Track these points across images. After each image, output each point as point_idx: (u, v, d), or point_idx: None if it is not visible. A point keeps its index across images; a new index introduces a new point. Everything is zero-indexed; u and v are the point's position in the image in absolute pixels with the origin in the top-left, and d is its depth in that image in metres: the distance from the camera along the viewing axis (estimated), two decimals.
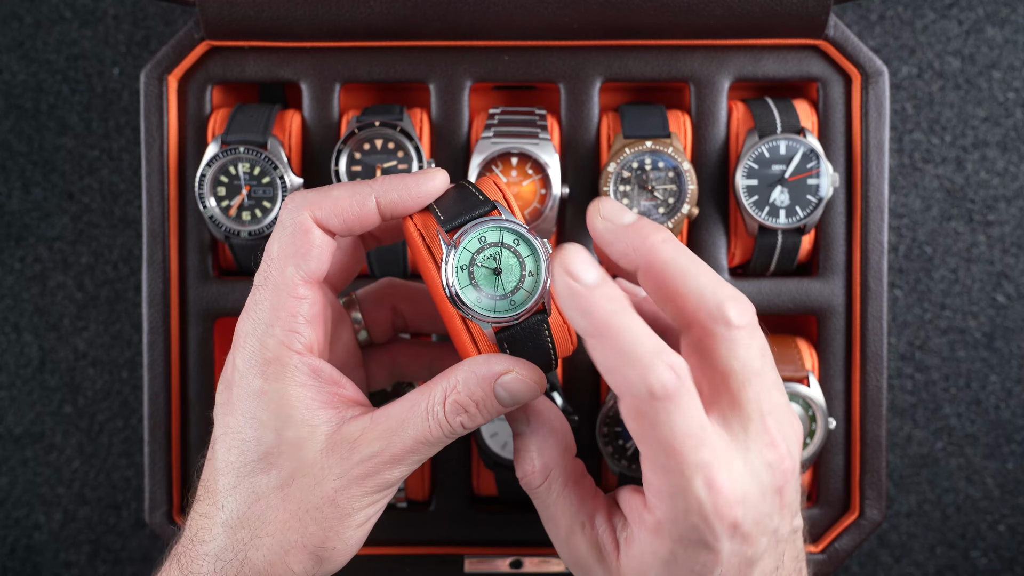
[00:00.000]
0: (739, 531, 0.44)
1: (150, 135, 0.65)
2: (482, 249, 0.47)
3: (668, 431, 0.43)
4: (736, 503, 0.43)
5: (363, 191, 0.48)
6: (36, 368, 0.84)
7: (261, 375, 0.46)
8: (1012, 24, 0.84)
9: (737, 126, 0.65)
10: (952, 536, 0.85)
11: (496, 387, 0.47)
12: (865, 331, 0.65)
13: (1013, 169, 0.84)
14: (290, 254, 0.47)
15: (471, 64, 0.65)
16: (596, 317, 0.43)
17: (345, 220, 0.48)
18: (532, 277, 0.47)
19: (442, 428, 0.47)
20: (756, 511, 0.44)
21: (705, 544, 0.44)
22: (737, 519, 0.43)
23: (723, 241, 0.66)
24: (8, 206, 0.84)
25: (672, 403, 0.43)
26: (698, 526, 0.43)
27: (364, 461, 0.46)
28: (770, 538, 0.45)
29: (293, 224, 0.47)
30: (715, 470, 0.43)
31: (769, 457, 0.45)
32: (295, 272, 0.47)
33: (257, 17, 0.63)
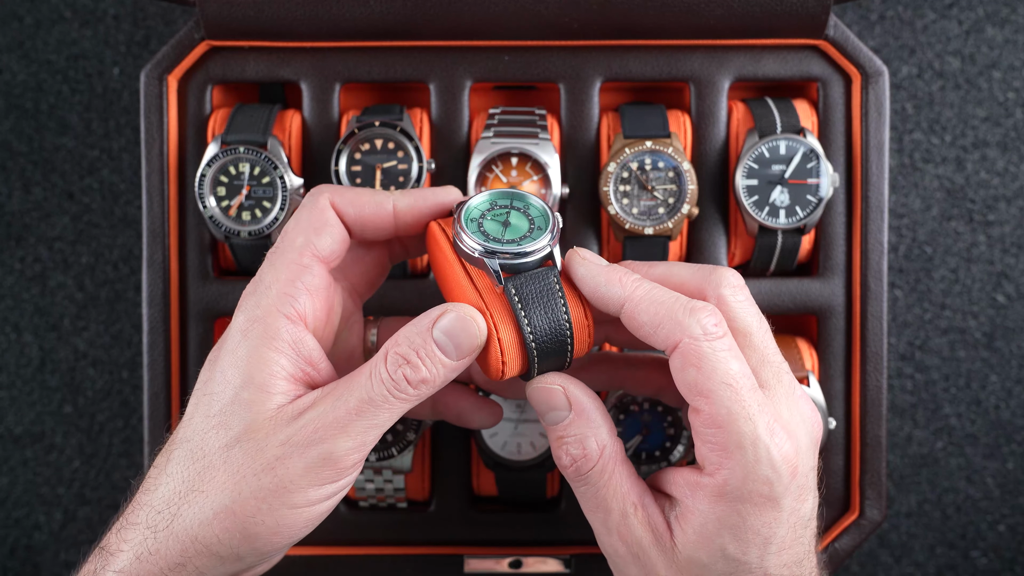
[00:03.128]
0: (797, 482, 0.44)
1: (150, 135, 0.65)
2: (493, 208, 0.49)
3: (726, 369, 0.44)
4: (795, 453, 0.44)
5: (383, 193, 0.51)
6: (36, 368, 0.84)
7: (243, 332, 0.47)
8: (1012, 24, 0.84)
9: (737, 126, 0.65)
10: (952, 536, 0.85)
11: (434, 332, 0.46)
12: (865, 331, 0.65)
13: (1013, 169, 0.84)
14: (303, 228, 0.49)
15: (471, 64, 0.65)
16: (628, 283, 0.47)
17: (360, 213, 0.50)
18: (540, 231, 0.48)
19: (384, 384, 0.45)
20: (807, 463, 0.45)
21: (773, 500, 0.44)
22: (797, 469, 0.44)
23: (723, 241, 0.66)
24: (8, 206, 0.84)
25: (724, 342, 0.45)
26: (768, 477, 0.44)
27: (306, 426, 0.45)
28: (814, 498, 0.46)
29: (311, 204, 0.50)
30: (772, 417, 0.44)
31: (805, 409, 0.46)
32: (304, 243, 0.48)
33: (257, 17, 0.63)
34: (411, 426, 0.60)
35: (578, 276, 0.48)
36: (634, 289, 0.46)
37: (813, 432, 0.46)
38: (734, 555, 0.45)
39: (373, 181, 0.62)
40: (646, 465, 0.61)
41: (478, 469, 0.66)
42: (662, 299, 0.46)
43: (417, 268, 0.66)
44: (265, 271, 0.48)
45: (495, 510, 0.66)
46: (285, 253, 0.48)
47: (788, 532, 0.45)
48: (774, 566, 0.45)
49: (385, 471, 0.62)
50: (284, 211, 0.62)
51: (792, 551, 0.45)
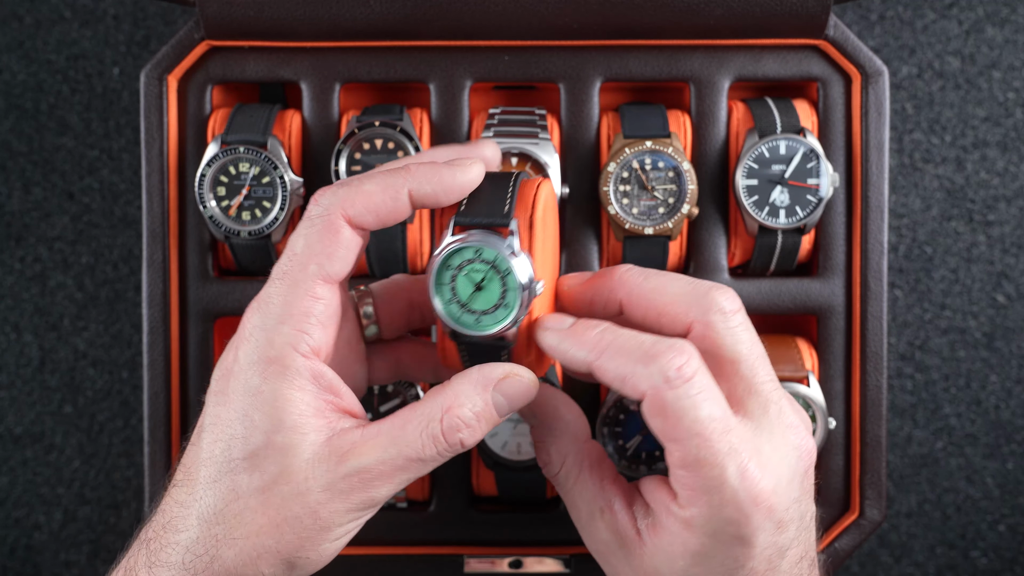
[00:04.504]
0: (773, 519, 0.44)
1: (150, 135, 0.65)
2: (473, 261, 0.47)
3: (693, 417, 0.43)
4: (770, 491, 0.43)
5: (396, 183, 0.47)
6: (36, 368, 0.84)
7: (261, 373, 0.45)
8: (1012, 24, 0.84)
9: (737, 126, 0.65)
10: (952, 536, 0.85)
11: (493, 395, 0.46)
12: (865, 331, 0.65)
13: (1013, 169, 0.84)
14: (315, 252, 0.46)
15: (471, 64, 0.65)
16: (588, 340, 0.46)
17: (379, 216, 0.47)
18: (506, 309, 0.47)
19: (437, 446, 0.45)
20: (787, 497, 0.44)
21: (741, 539, 0.44)
22: (772, 506, 0.43)
23: (723, 241, 0.66)
24: (8, 206, 0.84)
25: (691, 385, 0.43)
26: (735, 519, 0.43)
27: (351, 475, 0.45)
28: (799, 524, 0.45)
29: (323, 221, 0.46)
30: (745, 457, 0.43)
31: (792, 439, 0.45)
32: (317, 271, 0.46)
33: (257, 17, 0.63)
34: None
35: (544, 347, 0.48)
36: (596, 344, 0.46)
37: (800, 463, 0.45)
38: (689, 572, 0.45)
39: None
40: (646, 465, 0.61)
41: (478, 469, 0.66)
42: (626, 348, 0.45)
43: (417, 268, 0.66)
44: (273, 297, 0.46)
45: (495, 510, 0.66)
46: (296, 285, 0.46)
47: (760, 564, 0.45)
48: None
49: None
50: (284, 211, 0.62)
51: None
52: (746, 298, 0.65)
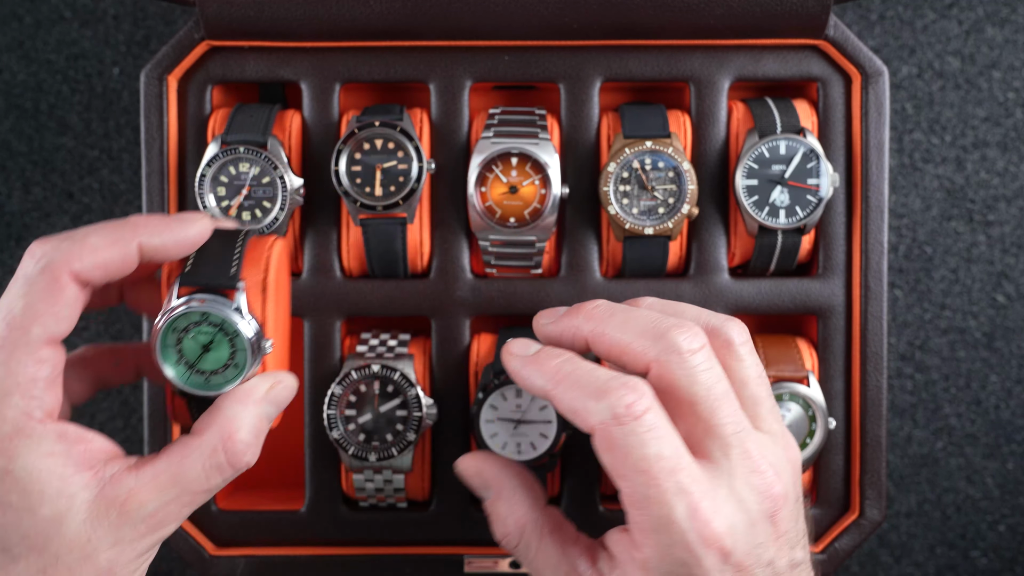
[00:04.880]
0: (730, 562, 0.43)
1: (150, 135, 0.65)
2: (200, 323, 0.48)
3: (640, 454, 0.43)
4: (724, 533, 0.43)
5: (125, 236, 0.45)
6: None
7: (2, 453, 0.42)
8: (1012, 24, 0.84)
9: (737, 126, 0.65)
10: (952, 536, 0.85)
11: (264, 407, 0.47)
12: (865, 331, 0.65)
13: (1013, 169, 0.84)
14: (39, 313, 0.43)
15: (471, 64, 0.65)
16: (547, 369, 0.47)
17: (107, 271, 0.45)
18: (235, 369, 0.48)
19: (223, 474, 0.45)
20: (747, 541, 0.43)
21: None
22: (726, 548, 0.43)
23: (723, 241, 0.66)
24: (8, 206, 0.84)
25: (639, 423, 0.43)
26: (685, 560, 0.43)
27: (138, 524, 0.43)
28: (764, 571, 0.44)
29: (46, 279, 0.43)
30: (697, 497, 0.43)
31: (755, 482, 0.44)
32: (42, 334, 0.43)
33: (257, 17, 0.63)
34: (411, 426, 0.60)
35: (508, 371, 0.49)
36: (555, 374, 0.46)
37: (763, 506, 0.44)
38: None
39: (373, 181, 0.62)
40: None
41: None
42: (581, 382, 0.45)
43: (417, 268, 0.66)
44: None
45: None
46: (17, 351, 0.42)
47: None
48: None
49: (385, 471, 0.62)
50: (284, 211, 0.62)
51: None
52: (746, 298, 0.65)
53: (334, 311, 0.65)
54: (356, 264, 0.65)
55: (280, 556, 0.65)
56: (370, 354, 0.62)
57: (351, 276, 0.66)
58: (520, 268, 0.64)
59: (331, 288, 0.65)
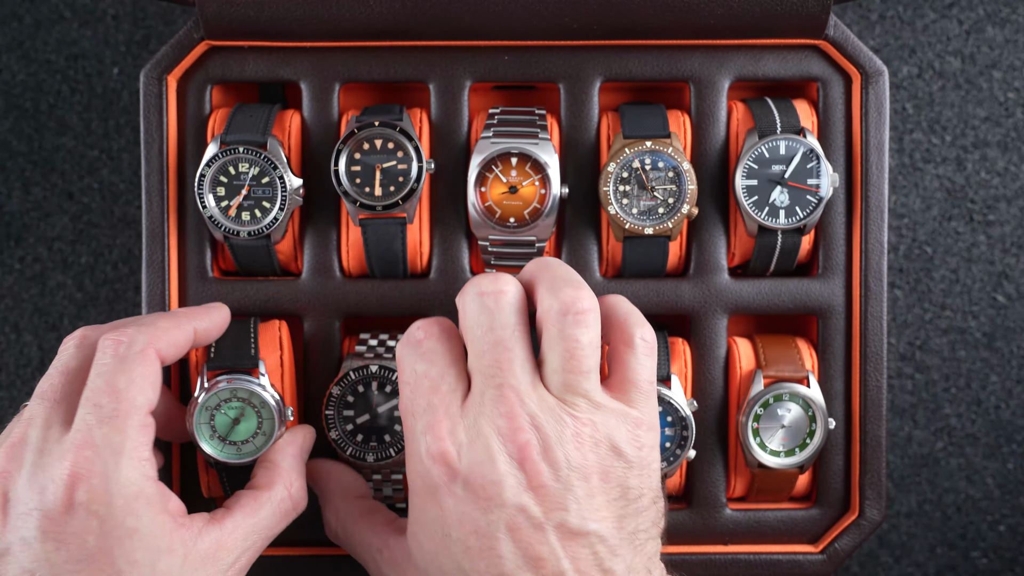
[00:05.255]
0: (458, 480, 0.46)
1: (150, 135, 0.65)
2: (230, 400, 0.57)
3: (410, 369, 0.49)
4: (450, 451, 0.47)
5: (183, 322, 0.54)
6: (36, 368, 0.84)
7: (129, 512, 0.47)
8: (1012, 24, 0.84)
9: (737, 126, 0.65)
10: (952, 536, 0.85)
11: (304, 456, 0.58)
12: (865, 331, 0.65)
13: (1013, 169, 0.84)
14: (140, 385, 0.49)
15: (471, 64, 0.65)
16: None
17: (178, 349, 0.53)
18: (263, 436, 0.57)
19: (287, 519, 0.55)
20: (480, 470, 0.46)
21: (428, 492, 0.48)
22: (453, 467, 0.47)
23: (723, 241, 0.66)
24: (8, 206, 0.84)
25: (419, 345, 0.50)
26: (421, 472, 0.48)
27: (226, 569, 0.51)
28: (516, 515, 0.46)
29: (139, 357, 0.50)
30: (438, 416, 0.48)
31: (500, 424, 0.47)
32: (144, 402, 0.49)
33: (257, 17, 0.63)
34: None
35: None
36: None
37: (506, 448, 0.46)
38: (431, 552, 0.48)
39: (373, 181, 0.62)
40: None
41: None
42: None
43: (417, 268, 0.66)
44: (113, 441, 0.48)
45: None
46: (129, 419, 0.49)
47: (467, 536, 0.46)
48: (474, 570, 0.47)
49: (383, 470, 0.62)
50: (284, 211, 0.62)
51: (485, 561, 0.46)
52: (746, 298, 0.65)
53: (333, 311, 0.64)
54: (356, 264, 0.65)
55: (280, 556, 0.65)
56: (369, 354, 0.62)
57: (351, 276, 0.66)
58: (520, 268, 0.64)
59: (331, 288, 0.65)
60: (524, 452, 0.46)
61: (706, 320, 0.65)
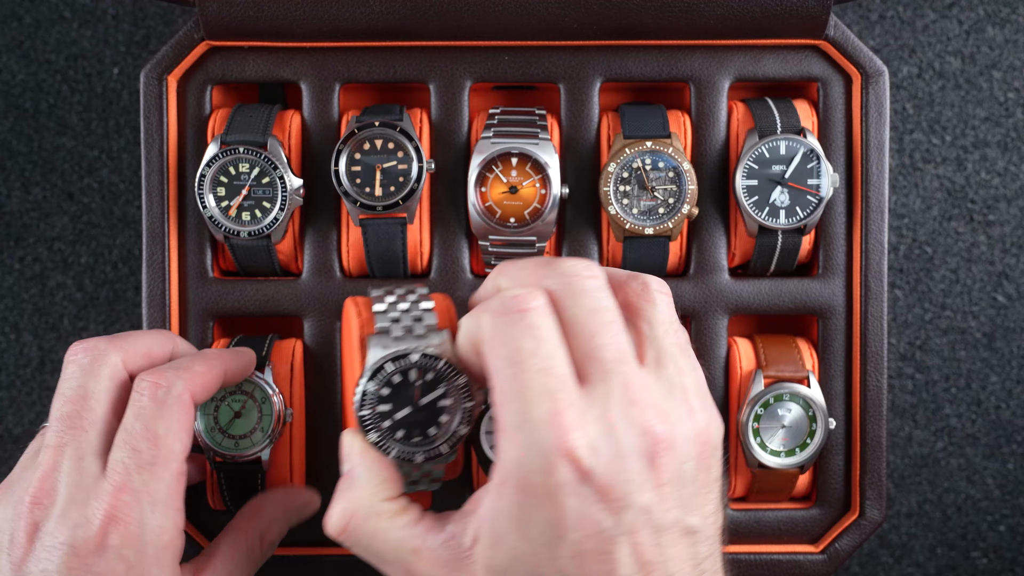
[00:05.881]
0: (591, 483, 0.40)
1: (150, 135, 0.65)
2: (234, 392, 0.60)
3: (515, 346, 0.41)
4: (582, 448, 0.40)
5: (216, 365, 0.54)
6: (36, 368, 0.84)
7: (156, 562, 0.48)
8: (1012, 24, 0.84)
9: (737, 126, 0.65)
10: (952, 536, 0.85)
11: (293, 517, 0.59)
12: (865, 331, 0.65)
13: (1013, 169, 0.84)
14: (177, 434, 0.49)
15: (471, 64, 0.65)
16: None
17: (208, 391, 0.53)
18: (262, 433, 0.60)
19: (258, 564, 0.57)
20: (613, 469, 0.40)
21: (548, 493, 0.40)
22: (584, 466, 0.40)
23: (723, 241, 0.66)
24: (8, 206, 0.84)
25: (522, 317, 0.42)
26: (540, 467, 0.40)
27: None
28: (639, 517, 0.41)
29: (176, 403, 0.50)
30: (561, 404, 0.40)
31: (633, 414, 0.41)
32: (181, 449, 0.49)
33: (257, 17, 0.63)
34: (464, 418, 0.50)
35: None
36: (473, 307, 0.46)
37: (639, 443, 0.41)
38: (525, 555, 0.41)
39: (373, 181, 0.62)
40: None
41: (478, 475, 0.66)
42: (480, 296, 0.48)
43: (417, 269, 0.66)
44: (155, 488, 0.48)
45: None
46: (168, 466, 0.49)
47: (584, 539, 0.40)
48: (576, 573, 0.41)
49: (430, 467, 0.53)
50: (284, 211, 0.62)
51: (597, 566, 0.40)
52: (746, 298, 0.65)
53: (333, 311, 0.65)
54: (356, 264, 0.65)
55: (281, 556, 0.65)
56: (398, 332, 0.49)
57: (351, 276, 0.66)
58: None
59: (331, 288, 0.65)
60: (657, 448, 0.41)
61: (706, 320, 0.65)
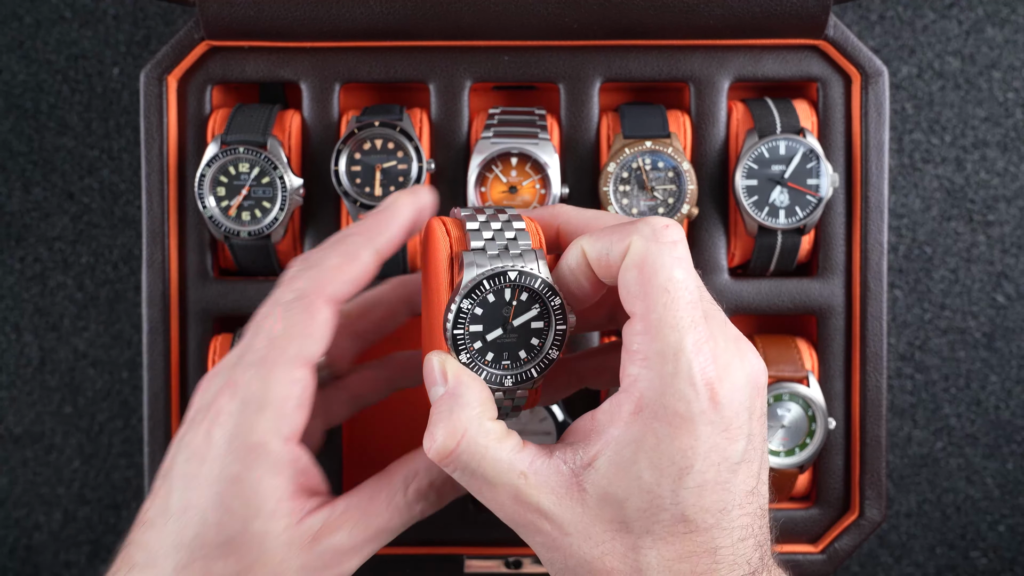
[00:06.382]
0: (719, 412, 0.41)
1: (150, 135, 0.65)
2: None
3: (668, 275, 0.42)
4: (719, 381, 0.41)
5: (353, 249, 0.49)
6: (36, 368, 0.84)
7: (240, 460, 0.45)
8: (1012, 24, 0.84)
9: (737, 126, 0.65)
10: (952, 536, 0.85)
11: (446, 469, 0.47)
12: (865, 331, 0.65)
13: (1013, 169, 0.84)
14: (295, 336, 0.46)
15: (471, 64, 0.65)
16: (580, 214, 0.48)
17: (355, 284, 0.48)
18: None
19: (402, 517, 0.47)
20: (736, 400, 0.42)
21: (686, 420, 0.41)
22: (719, 397, 0.41)
23: (723, 241, 0.66)
24: (8, 206, 0.84)
25: (674, 247, 0.42)
26: (684, 394, 0.41)
27: (324, 553, 0.46)
28: (750, 446, 0.42)
29: (301, 304, 0.47)
30: (704, 336, 0.42)
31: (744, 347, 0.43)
32: (297, 354, 0.46)
33: (257, 17, 0.63)
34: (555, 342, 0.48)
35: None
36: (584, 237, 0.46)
37: (753, 378, 0.43)
38: (649, 484, 0.41)
39: (373, 181, 0.62)
40: None
41: None
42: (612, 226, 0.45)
43: (417, 268, 0.66)
44: (253, 387, 0.46)
45: None
46: (276, 369, 0.46)
47: (708, 468, 0.41)
48: (691, 506, 0.41)
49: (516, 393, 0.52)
50: (284, 211, 0.62)
51: (714, 495, 0.41)
52: (746, 298, 0.65)
53: None
54: None
55: None
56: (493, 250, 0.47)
57: None
58: None
59: None
60: (758, 382, 0.43)
61: None
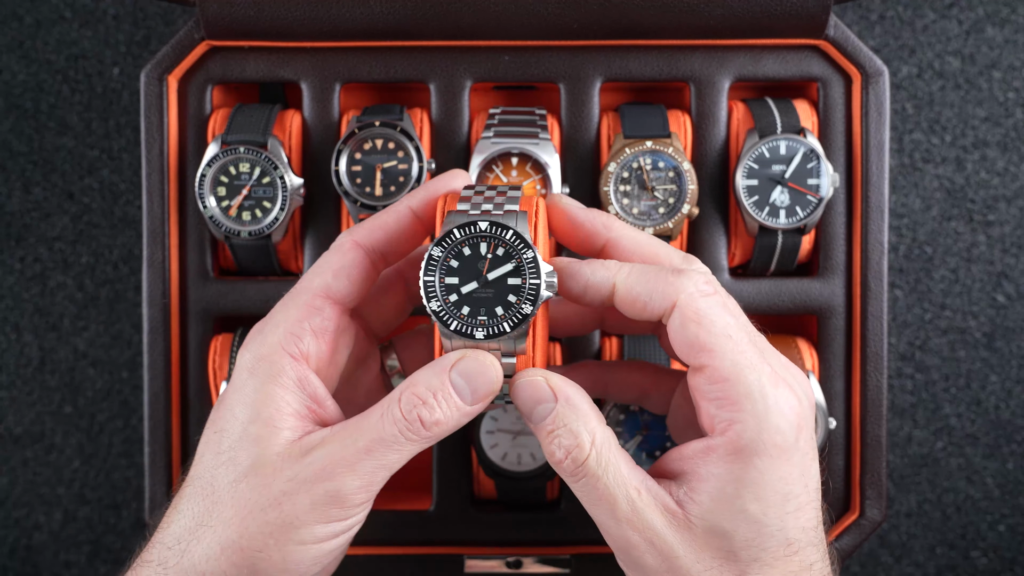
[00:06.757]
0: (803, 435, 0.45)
1: (150, 135, 0.65)
2: None
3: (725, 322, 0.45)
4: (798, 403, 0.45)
5: (397, 205, 0.50)
6: (36, 368, 0.84)
7: (250, 370, 0.47)
8: (1012, 24, 0.84)
9: (737, 126, 0.65)
10: (952, 536, 0.85)
11: (452, 374, 0.46)
12: (865, 331, 0.65)
13: (1013, 169, 0.84)
14: (320, 270, 0.49)
15: (471, 64, 0.65)
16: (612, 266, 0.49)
17: (386, 231, 0.50)
18: None
19: (397, 424, 0.45)
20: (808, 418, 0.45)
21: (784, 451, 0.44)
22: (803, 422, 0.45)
23: (723, 241, 0.66)
24: (8, 206, 0.84)
25: (719, 296, 0.46)
26: (779, 426, 0.44)
27: (314, 463, 0.45)
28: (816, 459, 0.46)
29: (335, 247, 0.49)
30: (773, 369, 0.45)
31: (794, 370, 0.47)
32: (320, 284, 0.48)
33: (257, 17, 0.63)
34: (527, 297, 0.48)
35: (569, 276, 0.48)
36: (619, 269, 0.47)
37: (809, 397, 0.46)
38: (756, 515, 0.44)
39: (373, 181, 0.62)
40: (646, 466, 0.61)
41: (478, 475, 0.66)
42: (650, 270, 0.47)
43: None
44: (277, 310, 0.49)
45: (495, 510, 0.66)
46: (299, 294, 0.48)
47: (802, 491, 0.44)
48: (793, 528, 0.44)
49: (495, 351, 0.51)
50: (284, 211, 0.62)
51: (807, 514, 0.45)
52: (746, 298, 0.65)
53: None
54: None
55: None
56: (474, 211, 0.49)
57: None
58: None
59: None
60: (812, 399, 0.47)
61: None
